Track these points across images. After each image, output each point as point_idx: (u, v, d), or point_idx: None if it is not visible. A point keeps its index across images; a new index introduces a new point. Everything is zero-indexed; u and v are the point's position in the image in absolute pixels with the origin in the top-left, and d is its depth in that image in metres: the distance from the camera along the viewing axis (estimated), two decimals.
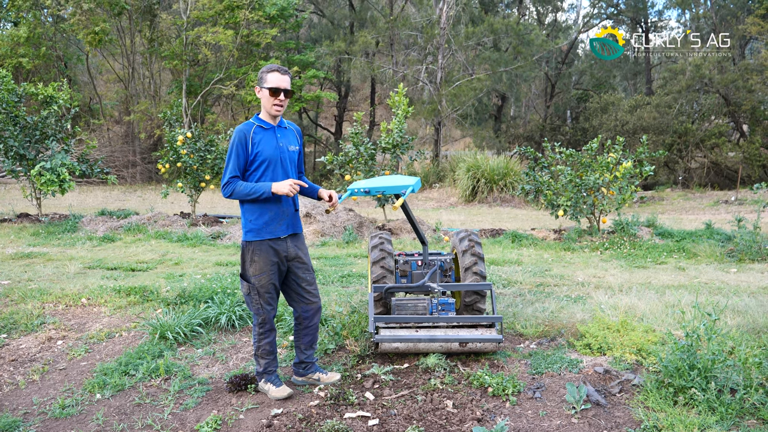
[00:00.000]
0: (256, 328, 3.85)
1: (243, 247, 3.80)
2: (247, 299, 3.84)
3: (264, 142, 3.70)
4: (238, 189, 3.63)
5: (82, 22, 22.26)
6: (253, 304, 3.81)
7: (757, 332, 4.73)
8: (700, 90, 25.74)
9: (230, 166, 3.64)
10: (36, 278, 6.98)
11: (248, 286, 3.78)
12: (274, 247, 3.75)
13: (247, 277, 3.78)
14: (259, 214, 3.71)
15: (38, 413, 3.67)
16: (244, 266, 3.79)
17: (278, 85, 3.66)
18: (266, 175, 3.72)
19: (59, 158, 11.31)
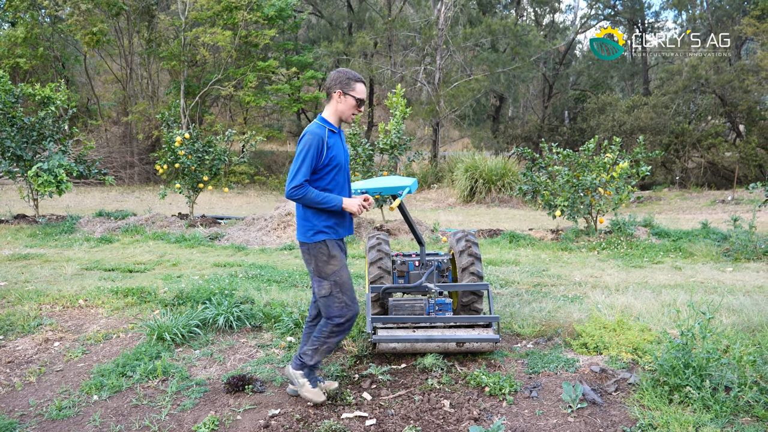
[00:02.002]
0: (331, 326, 3.68)
1: (311, 248, 3.65)
2: (327, 301, 3.66)
3: (336, 147, 3.66)
4: (309, 195, 3.51)
5: (79, 23, 22.22)
6: (336, 304, 3.66)
7: (751, 330, 4.75)
8: (697, 90, 25.81)
9: (303, 169, 3.50)
10: (33, 279, 6.98)
11: (330, 285, 3.65)
12: (340, 246, 3.76)
13: (326, 276, 3.65)
14: (327, 216, 3.65)
15: (35, 415, 3.67)
16: (319, 266, 3.65)
17: (363, 97, 3.69)
18: (335, 179, 3.67)
19: (56, 159, 11.30)
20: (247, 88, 23.90)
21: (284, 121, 33.77)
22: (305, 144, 3.53)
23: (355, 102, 3.65)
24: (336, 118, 3.70)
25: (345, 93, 3.63)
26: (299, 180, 3.50)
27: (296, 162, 3.53)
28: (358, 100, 3.66)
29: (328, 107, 3.69)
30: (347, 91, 3.62)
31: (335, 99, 3.65)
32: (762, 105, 26.14)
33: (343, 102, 3.64)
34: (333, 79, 3.64)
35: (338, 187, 3.70)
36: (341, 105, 3.65)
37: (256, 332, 5.12)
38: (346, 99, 3.64)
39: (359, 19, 31.69)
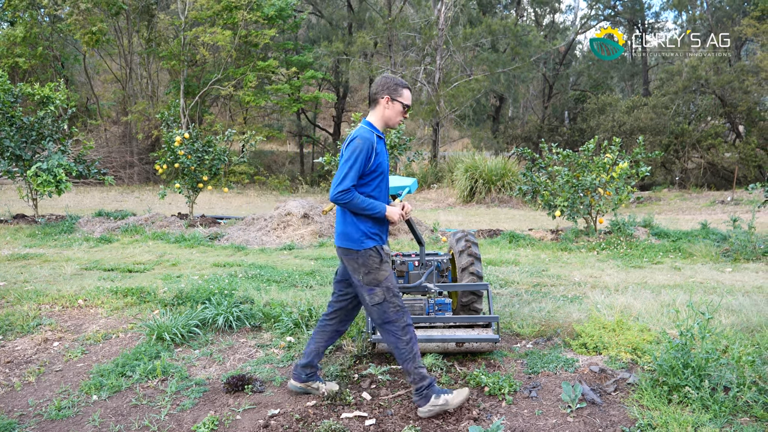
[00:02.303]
0: (402, 335, 3.57)
1: (361, 255, 3.54)
2: (382, 308, 3.56)
3: (382, 153, 3.62)
4: (356, 201, 3.43)
5: (79, 22, 22.22)
6: (391, 309, 3.56)
7: (750, 331, 4.75)
8: (697, 91, 25.83)
9: (352, 173, 3.41)
10: (32, 279, 6.98)
11: (383, 292, 3.55)
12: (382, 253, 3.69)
13: (378, 283, 3.55)
14: (373, 222, 3.58)
15: (34, 415, 3.67)
16: (371, 274, 3.54)
17: (410, 103, 3.67)
18: (379, 186, 3.63)
19: (56, 159, 11.30)
20: (246, 87, 23.90)
21: (284, 121, 33.75)
22: (355, 148, 3.44)
23: (402, 108, 3.62)
24: (382, 124, 3.66)
25: (393, 99, 3.59)
26: (347, 185, 3.41)
27: (345, 166, 3.44)
28: (405, 106, 3.63)
29: (374, 113, 3.64)
30: (395, 97, 3.59)
31: (382, 105, 3.61)
32: (762, 106, 26.15)
33: (391, 108, 3.61)
34: (380, 85, 3.60)
35: (382, 195, 3.66)
36: (388, 111, 3.62)
37: (256, 332, 5.12)
38: (394, 105, 3.61)
39: (359, 19, 31.68)
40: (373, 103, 3.64)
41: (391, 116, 3.64)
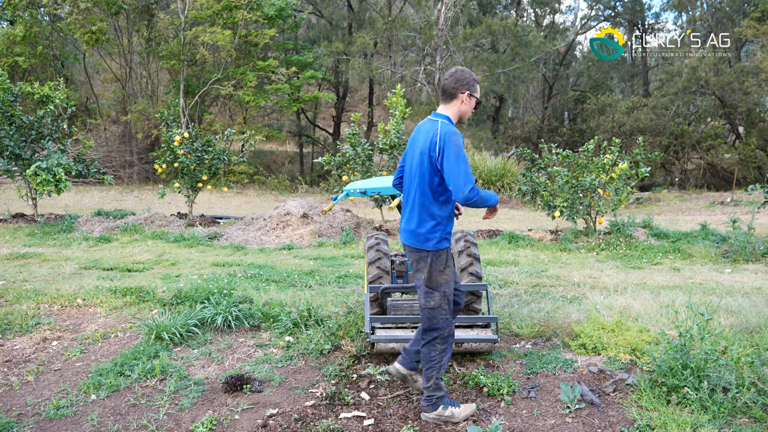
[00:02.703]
0: (440, 344, 3.52)
1: (433, 255, 3.45)
2: (433, 313, 3.49)
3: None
4: (481, 194, 3.35)
5: (79, 21, 22.20)
6: (441, 316, 3.49)
7: (749, 332, 4.75)
8: (697, 92, 25.84)
9: (468, 168, 3.33)
10: (31, 279, 6.97)
11: (440, 297, 3.47)
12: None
13: (437, 287, 3.47)
14: (448, 222, 3.52)
15: (32, 414, 3.66)
16: (432, 276, 3.46)
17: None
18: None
19: (55, 158, 11.29)
20: (246, 87, 23.88)
21: (284, 120, 33.73)
22: (457, 144, 3.34)
23: (475, 103, 3.59)
24: (457, 119, 3.58)
25: (471, 95, 3.53)
26: (472, 181, 3.31)
27: (458, 163, 3.30)
28: (478, 102, 3.61)
29: (450, 107, 3.54)
30: (473, 93, 3.52)
31: (460, 100, 3.52)
32: (761, 107, 26.17)
33: (467, 103, 3.54)
34: (459, 80, 3.49)
35: None
36: (465, 106, 3.54)
37: (255, 332, 5.11)
38: (471, 101, 3.54)
39: (359, 19, 31.68)
40: (449, 98, 3.53)
41: (466, 111, 3.58)
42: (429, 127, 3.47)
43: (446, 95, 3.53)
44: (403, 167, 3.74)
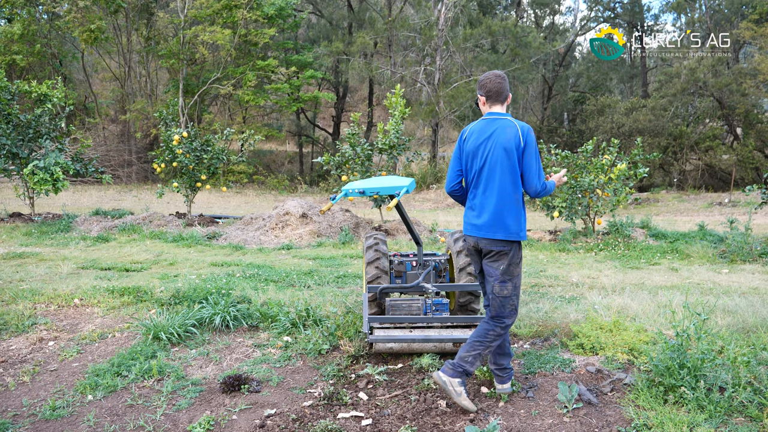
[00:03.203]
0: (499, 328, 3.66)
1: (516, 247, 3.64)
2: (504, 302, 3.64)
3: None
4: (547, 186, 3.68)
5: (77, 20, 22.20)
6: (509, 305, 3.64)
7: (746, 332, 4.76)
8: (695, 93, 25.87)
9: (540, 164, 3.68)
10: (28, 278, 6.96)
11: (512, 287, 3.63)
12: None
13: (511, 277, 3.64)
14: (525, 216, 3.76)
15: (28, 415, 3.65)
16: (512, 266, 3.63)
17: None
18: None
19: (53, 157, 11.27)
20: (246, 87, 23.89)
21: (283, 120, 33.75)
22: (535, 141, 3.63)
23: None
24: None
25: (509, 94, 3.82)
26: (543, 175, 3.64)
27: (536, 159, 3.61)
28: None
29: (504, 107, 3.80)
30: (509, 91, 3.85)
31: (508, 100, 3.81)
32: (759, 108, 26.21)
33: (507, 101, 3.84)
34: (507, 83, 3.78)
35: None
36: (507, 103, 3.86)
37: (253, 332, 5.11)
38: (510, 97, 3.85)
39: (359, 19, 31.69)
40: (503, 99, 3.76)
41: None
42: (504, 125, 3.66)
43: (501, 97, 3.75)
44: (460, 170, 3.82)
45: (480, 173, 3.69)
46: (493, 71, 3.85)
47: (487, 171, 3.65)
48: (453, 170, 3.84)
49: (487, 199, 3.65)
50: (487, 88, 3.74)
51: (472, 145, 3.72)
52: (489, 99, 3.77)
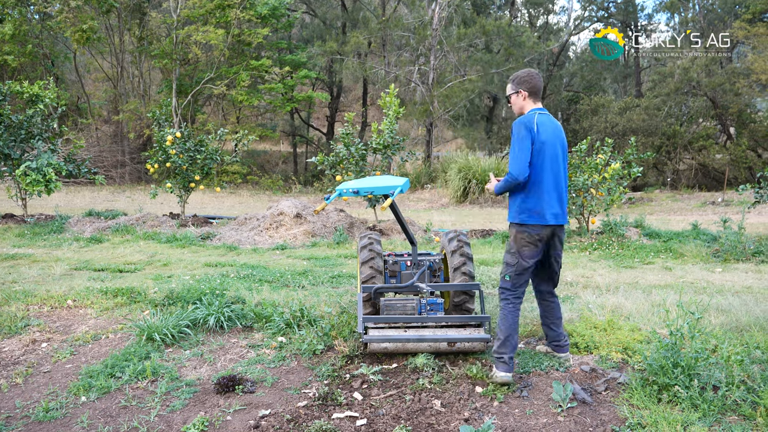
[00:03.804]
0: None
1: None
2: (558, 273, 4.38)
3: None
4: None
5: (69, 20, 22.09)
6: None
7: (739, 330, 4.78)
8: (689, 93, 25.96)
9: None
10: (21, 280, 6.92)
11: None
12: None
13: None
14: None
15: (21, 417, 3.63)
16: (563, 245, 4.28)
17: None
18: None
19: (45, 158, 11.21)
20: (239, 87, 23.84)
21: (277, 120, 33.69)
22: None
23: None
24: None
25: None
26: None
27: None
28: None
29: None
30: None
31: None
32: (752, 108, 26.32)
33: None
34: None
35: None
36: None
37: (247, 332, 5.09)
38: None
39: (353, 19, 31.67)
40: (541, 96, 4.22)
41: None
42: (555, 122, 4.11)
43: (540, 93, 4.15)
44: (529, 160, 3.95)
45: (552, 163, 3.98)
46: (529, 69, 4.19)
47: (556, 162, 4.01)
48: (526, 159, 3.92)
49: (560, 188, 4.03)
50: (532, 84, 4.09)
51: (545, 136, 3.96)
52: (532, 95, 4.11)
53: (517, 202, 4.01)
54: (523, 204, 3.97)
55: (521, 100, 4.13)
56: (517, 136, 3.93)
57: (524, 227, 3.97)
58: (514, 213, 4.02)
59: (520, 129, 3.94)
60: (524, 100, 4.12)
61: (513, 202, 4.06)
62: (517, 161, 3.89)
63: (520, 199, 3.99)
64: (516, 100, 4.15)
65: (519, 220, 3.98)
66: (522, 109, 4.14)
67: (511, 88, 4.16)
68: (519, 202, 4.00)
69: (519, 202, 4.00)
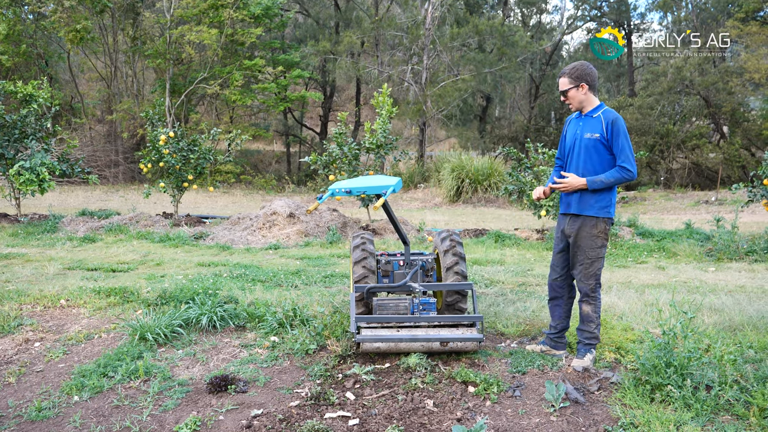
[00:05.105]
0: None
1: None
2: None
3: (568, 132, 4.31)
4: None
5: (63, 20, 21.99)
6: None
7: (733, 330, 4.80)
8: (682, 92, 26.06)
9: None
10: (14, 279, 6.89)
11: None
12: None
13: None
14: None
15: (13, 416, 3.62)
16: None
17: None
18: (567, 163, 4.32)
19: (39, 157, 11.16)
20: (233, 86, 23.78)
21: (271, 120, 33.62)
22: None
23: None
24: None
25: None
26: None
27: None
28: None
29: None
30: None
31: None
32: (745, 107, 26.45)
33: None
34: None
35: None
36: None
37: (240, 332, 5.08)
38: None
39: (346, 18, 31.63)
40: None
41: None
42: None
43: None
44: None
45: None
46: (582, 61, 4.18)
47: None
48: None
49: None
50: (593, 77, 4.11)
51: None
52: (592, 88, 4.13)
53: (610, 198, 4.10)
54: (613, 199, 4.11)
55: (582, 94, 4.11)
56: (624, 132, 4.02)
57: (611, 221, 4.14)
58: (609, 208, 4.10)
59: (623, 124, 4.05)
60: (585, 94, 4.11)
61: (605, 197, 4.09)
62: (632, 157, 4.00)
63: (612, 194, 4.12)
64: (576, 95, 4.13)
65: (611, 214, 4.13)
66: (583, 103, 4.16)
67: (570, 82, 4.12)
68: (611, 197, 4.11)
69: (611, 198, 4.11)
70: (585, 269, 4.17)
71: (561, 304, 4.47)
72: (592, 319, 4.21)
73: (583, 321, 4.26)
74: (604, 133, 4.03)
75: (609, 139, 4.03)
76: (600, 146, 4.06)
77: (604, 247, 4.16)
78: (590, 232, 4.11)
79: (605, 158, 4.08)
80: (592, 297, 4.21)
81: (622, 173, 3.97)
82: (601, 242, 4.14)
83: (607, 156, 4.07)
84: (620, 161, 3.99)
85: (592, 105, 4.16)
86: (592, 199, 4.07)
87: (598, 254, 4.15)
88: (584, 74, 4.06)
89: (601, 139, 4.05)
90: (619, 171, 3.97)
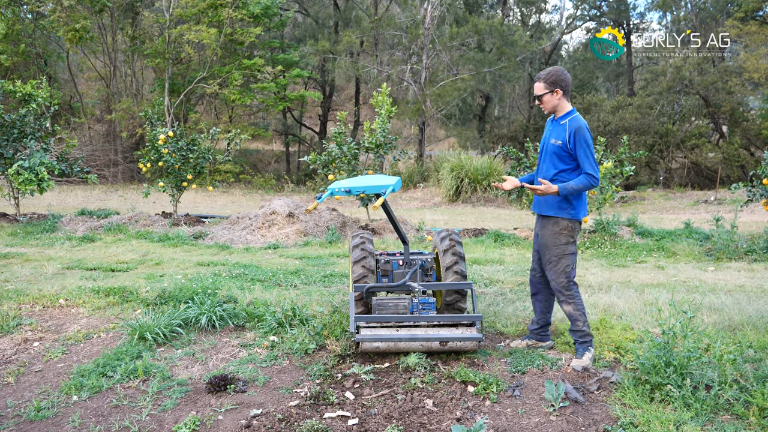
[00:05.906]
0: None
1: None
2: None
3: (544, 134, 4.43)
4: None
5: (62, 19, 21.96)
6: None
7: (732, 329, 4.80)
8: (681, 91, 26.07)
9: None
10: (13, 279, 6.88)
11: None
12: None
13: None
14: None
15: (12, 416, 3.61)
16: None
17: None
18: (538, 165, 4.47)
19: (38, 157, 11.15)
20: (232, 86, 23.75)
21: (270, 119, 33.60)
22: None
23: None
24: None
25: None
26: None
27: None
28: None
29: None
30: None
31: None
32: (745, 106, 26.46)
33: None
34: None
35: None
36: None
37: (239, 332, 5.08)
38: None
39: (345, 18, 31.62)
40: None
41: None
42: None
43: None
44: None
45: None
46: (557, 66, 4.28)
47: None
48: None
49: None
50: (567, 82, 4.19)
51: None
52: (566, 93, 4.21)
53: (580, 199, 4.25)
54: (576, 201, 4.22)
55: (556, 99, 4.20)
56: (586, 140, 4.11)
57: (579, 222, 4.28)
58: (569, 210, 4.22)
59: (586, 132, 4.13)
60: (559, 99, 4.19)
61: (573, 200, 4.23)
62: (595, 165, 4.13)
63: (576, 197, 4.23)
64: (550, 99, 4.21)
65: (576, 216, 4.25)
66: (556, 108, 4.25)
67: (545, 87, 4.20)
68: (581, 199, 4.27)
69: (580, 199, 4.26)
70: (553, 266, 4.29)
71: (541, 299, 4.58)
72: (576, 317, 4.27)
73: (570, 321, 4.34)
74: (567, 141, 4.15)
75: (571, 148, 4.15)
76: (563, 153, 4.19)
77: (570, 244, 4.27)
78: (552, 229, 4.26)
79: (569, 164, 4.21)
80: (567, 295, 4.27)
81: (589, 180, 4.10)
82: (566, 239, 4.25)
83: (570, 163, 4.21)
84: (585, 169, 4.12)
85: (563, 111, 4.26)
86: (553, 199, 4.24)
87: (563, 251, 4.25)
88: (559, 80, 4.16)
89: (563, 146, 4.17)
90: (587, 178, 4.10)
